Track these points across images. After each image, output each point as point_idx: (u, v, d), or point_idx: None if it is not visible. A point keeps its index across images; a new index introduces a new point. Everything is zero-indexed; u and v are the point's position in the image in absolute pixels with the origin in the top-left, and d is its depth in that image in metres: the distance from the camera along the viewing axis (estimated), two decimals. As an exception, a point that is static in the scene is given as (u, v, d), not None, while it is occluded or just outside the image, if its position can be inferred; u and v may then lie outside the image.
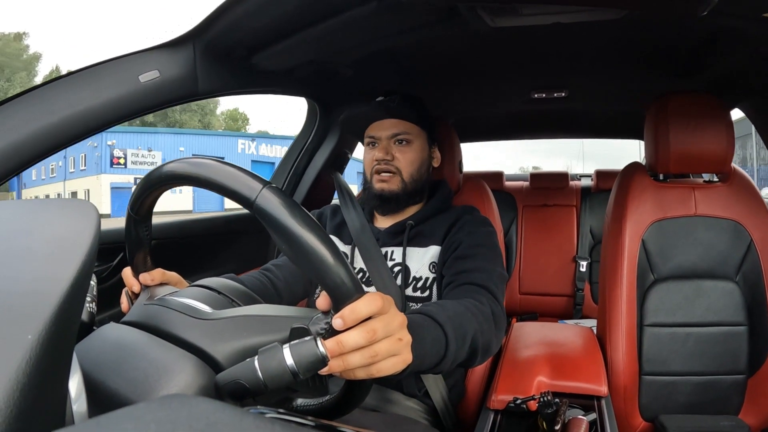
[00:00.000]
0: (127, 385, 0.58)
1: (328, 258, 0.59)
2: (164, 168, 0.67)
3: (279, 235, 0.58)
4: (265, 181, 0.60)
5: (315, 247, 0.58)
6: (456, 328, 0.91)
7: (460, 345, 0.91)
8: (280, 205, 0.58)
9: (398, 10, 1.08)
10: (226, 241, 1.87)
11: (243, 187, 0.59)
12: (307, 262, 0.58)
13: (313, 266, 0.59)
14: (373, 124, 1.41)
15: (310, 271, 0.59)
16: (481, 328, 0.98)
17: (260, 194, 0.58)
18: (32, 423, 0.33)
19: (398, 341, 0.67)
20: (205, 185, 0.62)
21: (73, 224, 0.47)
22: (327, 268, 0.59)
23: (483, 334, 0.98)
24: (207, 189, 0.62)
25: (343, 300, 0.60)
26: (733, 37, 1.33)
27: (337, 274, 0.59)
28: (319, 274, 0.59)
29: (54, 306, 0.36)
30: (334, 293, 0.60)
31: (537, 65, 1.78)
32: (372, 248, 1.35)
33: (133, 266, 0.82)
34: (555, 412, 1.01)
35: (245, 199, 0.59)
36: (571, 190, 3.20)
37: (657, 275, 1.50)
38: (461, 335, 0.92)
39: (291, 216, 0.58)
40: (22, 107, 0.95)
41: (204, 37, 1.16)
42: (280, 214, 0.58)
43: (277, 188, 0.60)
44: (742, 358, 1.45)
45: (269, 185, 0.59)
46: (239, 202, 0.60)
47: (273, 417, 0.62)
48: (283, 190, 0.60)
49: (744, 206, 1.49)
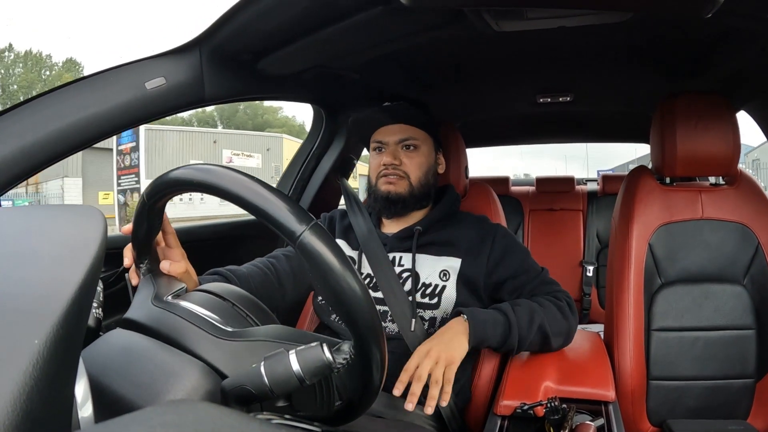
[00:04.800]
0: (134, 389, 0.58)
1: (361, 300, 0.60)
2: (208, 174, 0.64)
3: (318, 274, 0.59)
4: (311, 218, 0.60)
5: (352, 287, 0.59)
6: (520, 315, 1.18)
7: (526, 328, 1.18)
8: (323, 246, 0.59)
9: (403, 14, 1.08)
10: (232, 245, 1.87)
11: (290, 222, 0.59)
12: (340, 302, 0.60)
13: (345, 307, 0.60)
14: (380, 129, 1.42)
15: (341, 311, 0.61)
16: (552, 317, 1.22)
17: (304, 233, 0.58)
18: (38, 427, 0.33)
19: (441, 361, 1.08)
20: (248, 208, 0.61)
21: (80, 230, 0.47)
22: (360, 308, 0.60)
23: (554, 323, 1.22)
24: (251, 214, 0.61)
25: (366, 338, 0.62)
26: (739, 37, 1.33)
27: (370, 316, 0.61)
28: (350, 316, 0.61)
29: (61, 311, 0.36)
30: (363, 335, 0.62)
31: (542, 69, 1.78)
32: (379, 253, 1.35)
33: (135, 243, 0.81)
34: (562, 418, 1.00)
35: (290, 234, 0.59)
36: (577, 195, 3.20)
37: (664, 279, 1.49)
38: (526, 321, 1.18)
39: (333, 257, 0.59)
40: (30, 113, 0.95)
41: (210, 43, 1.17)
42: (324, 254, 0.58)
43: (322, 228, 0.60)
44: (750, 362, 1.43)
45: (315, 224, 0.59)
46: (284, 236, 0.60)
47: (279, 423, 0.62)
48: (324, 228, 0.61)
49: (751, 209, 1.48)
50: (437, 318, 1.31)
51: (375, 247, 1.36)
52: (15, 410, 0.31)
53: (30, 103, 0.96)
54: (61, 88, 1.00)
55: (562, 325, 1.25)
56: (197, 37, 1.16)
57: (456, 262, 1.33)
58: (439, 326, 1.30)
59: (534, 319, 1.19)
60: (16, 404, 0.31)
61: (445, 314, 1.31)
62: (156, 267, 0.83)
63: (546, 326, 1.21)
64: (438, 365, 1.07)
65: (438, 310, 1.31)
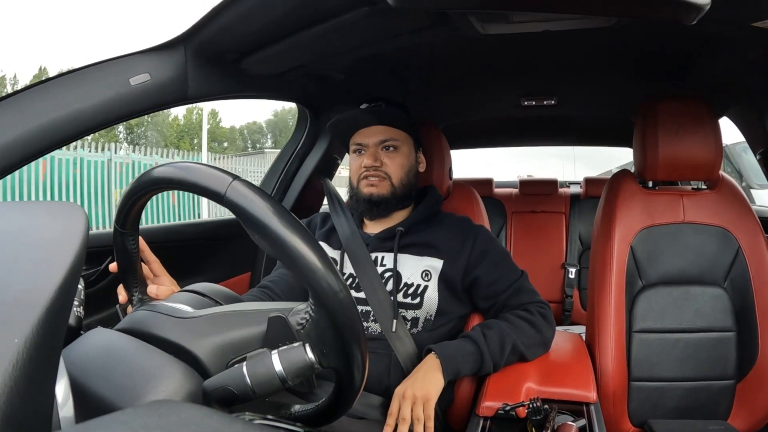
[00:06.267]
0: (115, 390, 0.57)
1: (300, 246, 0.58)
2: (141, 178, 0.68)
3: (251, 226, 0.59)
4: (234, 175, 0.61)
5: (285, 237, 0.58)
6: (491, 340, 1.20)
7: (498, 352, 1.20)
8: (250, 197, 0.59)
9: (389, 15, 1.08)
10: (214, 246, 1.86)
11: (212, 182, 0.60)
12: (280, 249, 0.58)
13: (285, 253, 0.58)
14: (360, 131, 1.41)
15: (280, 254, 0.59)
16: (524, 335, 1.25)
17: (230, 186, 0.59)
18: (19, 428, 0.32)
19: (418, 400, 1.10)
20: (179, 186, 0.63)
21: (62, 227, 0.46)
22: (305, 260, 0.58)
23: (526, 339, 1.25)
24: (181, 190, 0.64)
25: (318, 282, 0.59)
26: (722, 44, 1.35)
27: (312, 260, 0.58)
28: (304, 275, 0.59)
29: (41, 309, 0.36)
30: (309, 278, 0.59)
31: (527, 72, 1.79)
32: (361, 254, 1.35)
33: (123, 279, 0.83)
34: (544, 419, 1.01)
35: (215, 194, 0.60)
36: (560, 197, 3.22)
37: (645, 281, 1.51)
38: (497, 345, 1.20)
39: (263, 206, 0.58)
40: (10, 109, 0.94)
41: (195, 40, 1.16)
42: (250, 206, 0.58)
43: (246, 181, 0.61)
44: (730, 364, 1.45)
45: (238, 178, 0.60)
46: (211, 198, 0.60)
47: (261, 423, 0.62)
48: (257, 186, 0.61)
49: (732, 213, 1.50)
50: (419, 318, 1.31)
51: (357, 248, 1.36)
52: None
53: (10, 99, 0.95)
54: (44, 83, 0.99)
55: (535, 339, 1.27)
56: (182, 34, 1.15)
57: (438, 262, 1.34)
58: (421, 327, 1.31)
59: (505, 341, 1.21)
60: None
61: (428, 315, 1.31)
62: (146, 292, 0.86)
63: (519, 345, 1.23)
64: (416, 404, 1.11)
65: (420, 311, 1.31)
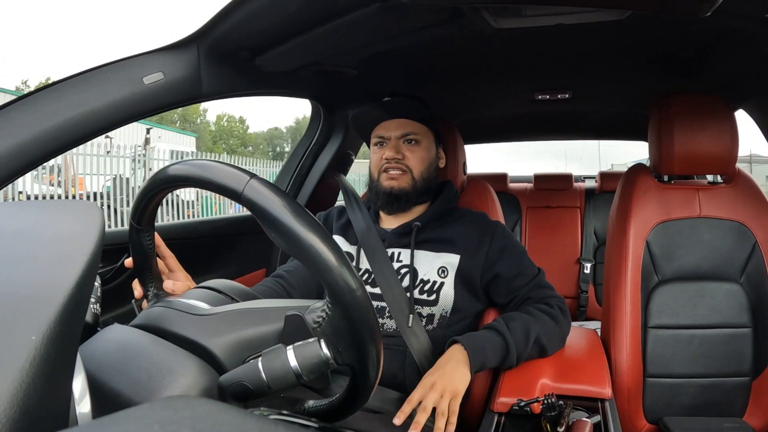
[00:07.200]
0: (131, 385, 0.58)
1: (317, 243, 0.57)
2: (157, 175, 0.68)
3: (267, 224, 0.58)
4: (252, 173, 0.60)
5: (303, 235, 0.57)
6: (515, 332, 1.19)
7: (522, 344, 1.19)
8: (267, 195, 0.58)
9: (401, 11, 1.08)
10: (230, 242, 1.87)
11: (230, 180, 0.60)
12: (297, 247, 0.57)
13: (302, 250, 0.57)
14: (381, 124, 1.42)
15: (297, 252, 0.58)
16: (546, 327, 1.24)
17: (248, 185, 0.59)
18: (36, 423, 0.33)
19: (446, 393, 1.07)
20: (197, 184, 0.63)
21: (78, 225, 0.47)
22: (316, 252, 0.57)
23: (548, 332, 1.24)
24: (199, 188, 0.64)
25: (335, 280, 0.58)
26: (737, 37, 1.33)
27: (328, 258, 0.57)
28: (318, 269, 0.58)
29: (58, 307, 0.36)
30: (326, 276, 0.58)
31: (541, 66, 1.78)
32: (377, 249, 1.35)
33: (138, 274, 0.83)
34: (559, 415, 1.00)
35: (233, 192, 0.59)
36: (575, 192, 3.19)
37: (661, 277, 1.50)
38: (522, 337, 1.19)
39: (280, 205, 0.58)
40: (27, 109, 0.95)
41: (208, 38, 1.16)
42: (268, 204, 0.58)
43: (263, 179, 0.60)
44: (746, 360, 1.44)
45: (255, 176, 0.60)
46: (228, 196, 0.60)
47: (276, 418, 0.62)
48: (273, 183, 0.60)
49: (748, 207, 1.48)
50: (435, 315, 1.31)
51: (373, 243, 1.36)
52: (13, 407, 0.31)
53: (27, 99, 0.96)
54: (59, 83, 1.00)
55: (555, 332, 1.27)
56: (195, 32, 1.15)
57: (455, 258, 1.33)
58: (437, 324, 1.30)
59: (530, 333, 1.20)
60: (14, 401, 0.31)
61: (444, 312, 1.31)
62: (161, 288, 0.86)
63: (542, 338, 1.22)
64: (443, 398, 1.07)
65: (436, 308, 1.31)
